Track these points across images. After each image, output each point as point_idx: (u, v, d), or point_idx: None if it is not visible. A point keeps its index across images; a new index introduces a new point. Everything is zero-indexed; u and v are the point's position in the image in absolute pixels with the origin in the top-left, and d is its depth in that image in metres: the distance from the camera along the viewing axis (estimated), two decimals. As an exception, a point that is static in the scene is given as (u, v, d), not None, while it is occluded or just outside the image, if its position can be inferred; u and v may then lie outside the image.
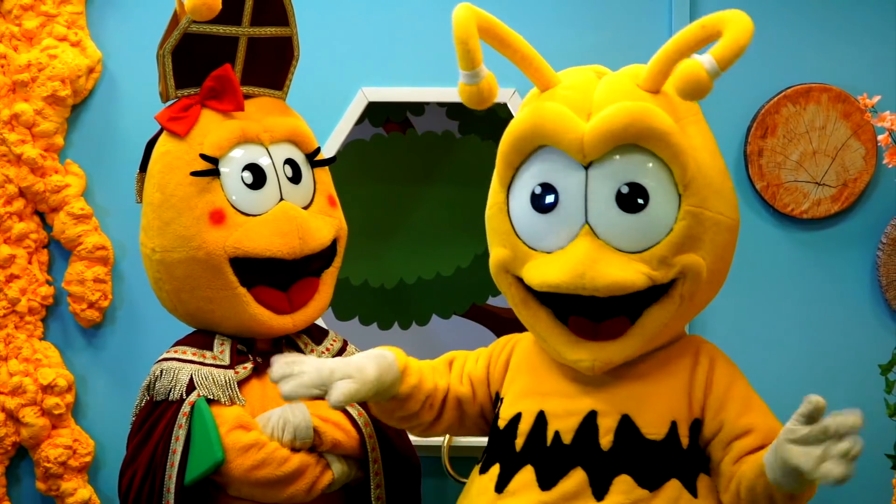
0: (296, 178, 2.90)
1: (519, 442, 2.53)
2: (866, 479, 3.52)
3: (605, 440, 2.45)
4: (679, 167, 2.39)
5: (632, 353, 2.48)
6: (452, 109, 3.71)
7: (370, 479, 2.85)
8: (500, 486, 2.51)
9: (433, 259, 3.70)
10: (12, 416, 3.51)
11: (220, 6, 2.72)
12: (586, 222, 2.39)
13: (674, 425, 2.46)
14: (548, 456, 2.47)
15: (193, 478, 2.65)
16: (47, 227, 3.59)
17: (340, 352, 2.99)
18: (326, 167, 3.01)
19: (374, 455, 2.85)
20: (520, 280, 2.51)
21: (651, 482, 2.42)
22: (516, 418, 2.56)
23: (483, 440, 2.72)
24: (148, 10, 3.59)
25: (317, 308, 2.93)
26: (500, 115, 3.63)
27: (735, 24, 2.28)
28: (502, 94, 3.54)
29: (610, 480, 2.41)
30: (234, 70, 2.89)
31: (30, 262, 3.54)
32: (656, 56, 2.43)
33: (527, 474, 2.49)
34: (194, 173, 2.79)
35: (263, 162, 2.85)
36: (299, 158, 2.93)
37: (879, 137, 3.04)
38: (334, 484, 2.79)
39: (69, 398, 3.55)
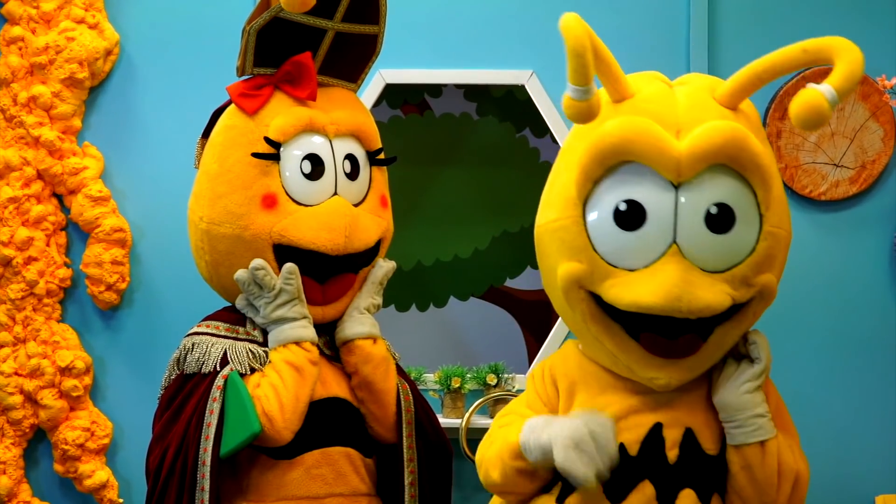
0: (353, 175, 2.90)
1: None
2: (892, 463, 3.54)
3: (672, 453, 2.44)
4: (764, 189, 2.38)
5: (703, 369, 2.47)
6: (470, 91, 3.71)
7: (403, 453, 2.88)
8: (562, 499, 2.48)
9: (451, 241, 3.70)
10: (30, 399, 3.52)
11: (313, 2, 2.70)
12: (674, 242, 2.34)
13: (723, 441, 2.46)
14: (615, 467, 2.41)
15: (229, 450, 2.66)
16: (65, 209, 3.59)
17: None
18: (384, 167, 3.00)
19: (409, 424, 2.89)
20: (592, 295, 2.44)
21: (707, 497, 2.43)
22: None
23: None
24: (165, -7, 3.62)
25: (348, 303, 2.94)
26: (517, 97, 3.63)
27: (848, 54, 2.25)
28: (519, 76, 3.55)
29: (676, 494, 2.42)
30: (313, 59, 2.89)
31: (48, 245, 3.55)
32: (743, 74, 2.42)
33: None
34: (255, 155, 2.79)
35: (324, 154, 2.85)
36: (360, 155, 2.93)
37: (899, 119, 3.04)
38: None
39: (87, 380, 3.56)
